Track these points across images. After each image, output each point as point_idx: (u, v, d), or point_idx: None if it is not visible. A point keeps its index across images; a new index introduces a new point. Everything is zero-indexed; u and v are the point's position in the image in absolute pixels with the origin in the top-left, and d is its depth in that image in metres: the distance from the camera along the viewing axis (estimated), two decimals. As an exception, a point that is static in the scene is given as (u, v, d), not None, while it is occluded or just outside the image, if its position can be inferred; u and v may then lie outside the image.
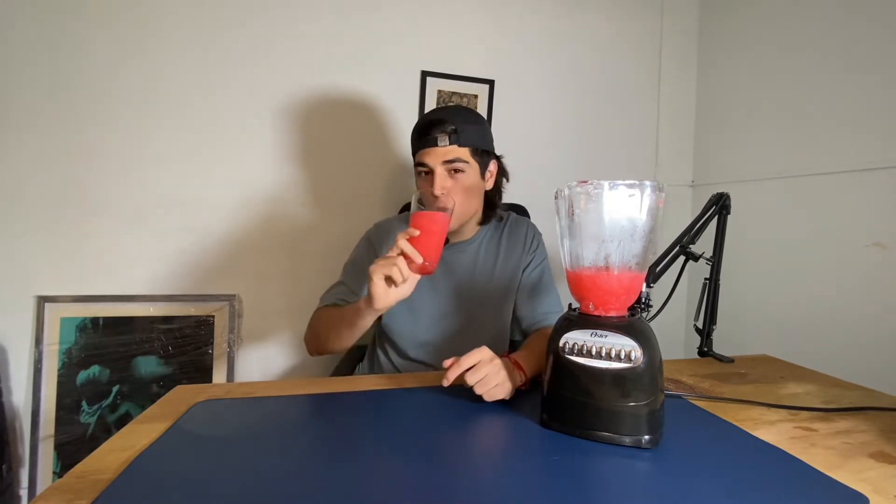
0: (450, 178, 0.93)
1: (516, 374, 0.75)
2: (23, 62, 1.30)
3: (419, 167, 0.95)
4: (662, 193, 0.61)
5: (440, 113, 0.96)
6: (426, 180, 0.94)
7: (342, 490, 0.49)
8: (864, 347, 1.23)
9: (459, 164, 0.93)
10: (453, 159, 0.92)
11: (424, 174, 0.95)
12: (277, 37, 1.45)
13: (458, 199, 0.94)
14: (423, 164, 0.93)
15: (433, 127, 0.93)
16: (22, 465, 1.33)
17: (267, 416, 0.68)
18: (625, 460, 0.56)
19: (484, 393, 0.70)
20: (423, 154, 0.93)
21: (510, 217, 1.10)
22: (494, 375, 0.71)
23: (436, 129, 0.92)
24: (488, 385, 0.70)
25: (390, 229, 1.06)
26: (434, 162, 0.92)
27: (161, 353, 1.41)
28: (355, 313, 0.82)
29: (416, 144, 0.96)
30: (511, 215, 1.11)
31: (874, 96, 1.24)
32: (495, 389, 0.70)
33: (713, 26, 1.78)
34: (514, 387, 0.74)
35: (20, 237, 1.32)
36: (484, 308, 1.02)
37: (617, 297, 0.61)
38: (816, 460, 0.56)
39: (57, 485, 0.50)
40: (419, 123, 0.96)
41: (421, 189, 0.95)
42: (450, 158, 0.92)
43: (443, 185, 0.91)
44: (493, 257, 1.04)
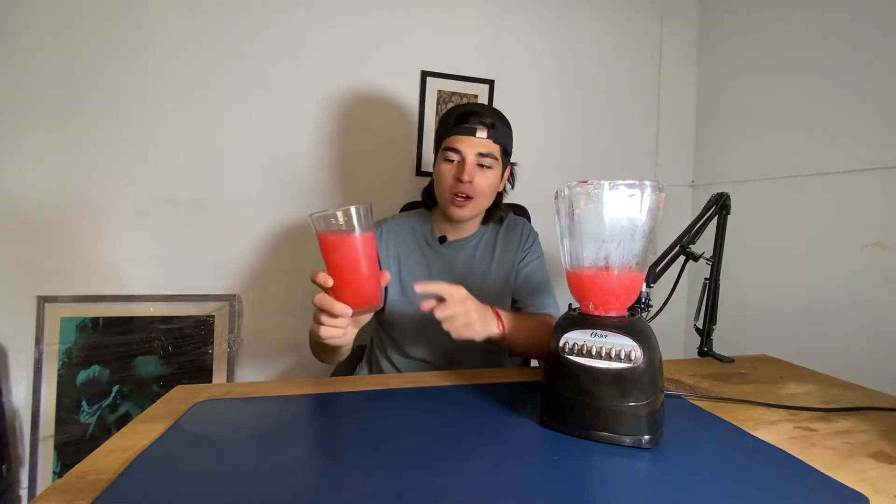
0: (478, 171, 0.94)
1: (493, 322, 0.76)
2: (23, 62, 1.30)
3: (449, 152, 0.94)
4: (662, 193, 0.61)
5: (479, 106, 0.97)
6: (453, 167, 0.94)
7: (342, 490, 0.49)
8: (865, 347, 1.23)
9: (490, 161, 0.95)
10: (487, 153, 0.94)
11: (450, 161, 0.94)
12: (277, 37, 1.45)
13: (481, 195, 0.95)
14: (455, 150, 0.93)
15: (472, 116, 0.93)
16: (22, 464, 1.33)
17: (267, 417, 0.68)
18: (625, 460, 0.56)
19: (452, 330, 0.71)
20: (458, 140, 0.93)
21: (508, 217, 1.11)
22: (463, 315, 0.72)
23: (475, 119, 0.93)
24: (456, 323, 0.71)
25: (391, 229, 1.06)
26: (468, 150, 0.93)
27: (161, 353, 1.41)
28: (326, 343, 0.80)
29: (448, 130, 0.95)
30: (510, 216, 1.12)
31: (874, 96, 1.24)
32: (463, 328, 0.72)
33: (713, 27, 1.78)
34: (487, 334, 0.75)
35: (21, 237, 1.32)
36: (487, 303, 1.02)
37: (617, 297, 0.61)
38: (816, 460, 0.56)
39: (57, 485, 0.50)
40: (456, 110, 0.96)
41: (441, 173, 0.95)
42: (484, 151, 0.94)
43: (471, 175, 0.93)
44: (489, 255, 1.05)
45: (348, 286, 0.62)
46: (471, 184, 0.93)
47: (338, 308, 0.63)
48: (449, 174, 0.95)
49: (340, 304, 0.63)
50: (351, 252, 0.62)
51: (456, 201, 0.95)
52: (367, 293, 0.64)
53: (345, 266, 0.62)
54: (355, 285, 0.63)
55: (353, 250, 0.62)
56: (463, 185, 0.93)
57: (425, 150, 1.58)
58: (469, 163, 0.93)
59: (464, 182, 0.92)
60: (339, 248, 0.61)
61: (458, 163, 0.94)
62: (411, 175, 1.59)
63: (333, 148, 1.52)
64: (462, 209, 0.96)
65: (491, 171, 0.96)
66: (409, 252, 1.04)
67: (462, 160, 0.93)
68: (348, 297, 0.62)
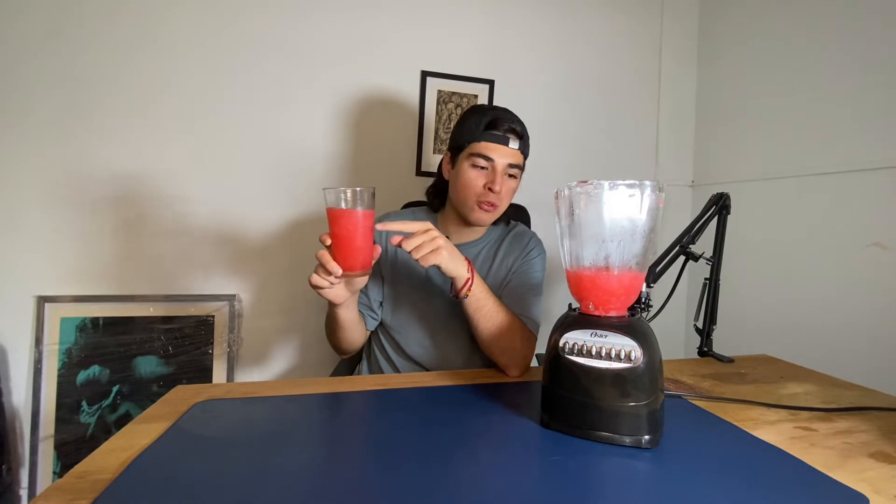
0: (506, 181, 0.94)
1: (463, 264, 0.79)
2: (23, 62, 1.30)
3: (478, 158, 0.93)
4: (662, 193, 0.61)
5: (506, 112, 0.96)
6: (482, 175, 0.93)
7: (342, 490, 0.49)
8: (865, 347, 1.23)
9: (517, 171, 0.95)
10: (516, 164, 0.94)
11: (478, 168, 0.93)
12: (277, 38, 1.45)
13: (504, 203, 0.96)
14: (487, 158, 0.92)
15: (503, 123, 0.93)
16: (22, 465, 1.33)
17: (267, 417, 0.68)
18: (625, 460, 0.56)
19: (420, 259, 0.75)
20: (490, 148, 0.92)
21: (516, 226, 1.10)
22: (429, 243, 0.75)
23: (505, 127, 0.93)
24: (422, 251, 0.75)
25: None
26: (500, 160, 0.92)
27: (161, 353, 1.41)
28: (330, 309, 0.87)
29: (476, 134, 0.93)
30: (518, 225, 1.11)
31: (874, 96, 1.24)
32: (429, 255, 0.75)
33: (713, 26, 1.78)
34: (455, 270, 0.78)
35: (20, 237, 1.32)
36: None
37: (617, 297, 0.61)
38: (816, 460, 0.56)
39: (57, 485, 0.50)
40: (487, 114, 0.94)
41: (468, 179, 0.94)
42: (513, 163, 0.94)
43: (502, 184, 0.92)
44: (489, 262, 1.03)
45: (341, 251, 0.73)
46: (498, 193, 0.92)
47: (331, 266, 0.72)
48: (478, 181, 0.93)
49: (334, 263, 0.72)
50: (347, 224, 0.72)
51: (483, 208, 0.94)
52: (356, 261, 0.73)
53: (341, 235, 0.72)
54: (347, 252, 0.73)
55: (350, 223, 0.72)
56: (492, 195, 0.92)
57: (425, 150, 1.58)
58: (500, 172, 0.92)
59: (494, 191, 0.91)
60: (339, 219, 0.72)
61: (490, 171, 0.93)
62: (411, 175, 1.59)
63: (333, 148, 1.52)
64: (488, 214, 0.95)
65: (515, 181, 0.97)
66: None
67: (492, 169, 0.92)
68: (339, 260, 0.72)
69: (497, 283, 1.02)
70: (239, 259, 1.47)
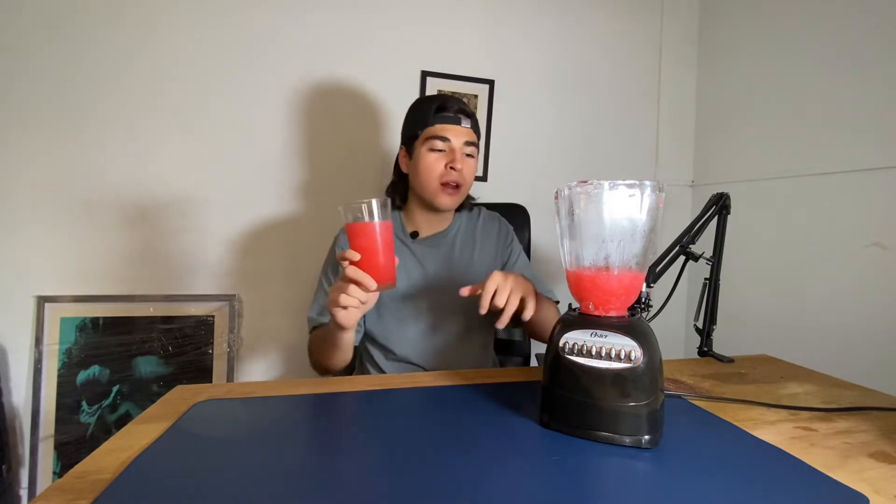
0: (466, 160, 0.95)
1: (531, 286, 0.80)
2: (23, 62, 1.30)
3: (435, 140, 0.94)
4: (662, 193, 0.61)
5: (453, 97, 0.99)
6: (441, 156, 0.94)
7: (341, 489, 0.49)
8: (865, 347, 1.23)
9: (473, 149, 0.96)
10: (471, 142, 0.95)
11: (437, 150, 0.94)
12: (278, 38, 1.45)
13: (466, 184, 0.97)
14: (443, 139, 0.93)
15: (453, 104, 0.95)
16: (22, 465, 1.33)
17: (267, 417, 0.68)
18: (625, 460, 0.56)
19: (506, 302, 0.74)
20: (445, 129, 0.94)
21: (482, 211, 1.12)
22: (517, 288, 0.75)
23: (456, 108, 0.95)
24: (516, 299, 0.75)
25: None
26: (456, 139, 0.94)
27: (161, 353, 1.41)
28: (333, 334, 0.81)
29: (429, 119, 0.95)
30: (482, 209, 1.12)
31: (874, 96, 1.24)
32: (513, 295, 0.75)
33: (713, 26, 1.78)
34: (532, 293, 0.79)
35: (20, 237, 1.32)
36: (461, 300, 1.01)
37: (617, 297, 0.61)
38: (816, 460, 0.56)
39: (57, 485, 0.50)
40: (434, 100, 0.96)
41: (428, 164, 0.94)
42: (469, 141, 0.95)
43: (462, 162, 0.94)
44: (469, 250, 1.04)
45: (372, 265, 0.71)
46: (460, 172, 0.94)
47: (368, 280, 0.70)
48: (439, 163, 0.94)
49: (369, 277, 0.70)
50: (376, 236, 0.72)
51: (447, 190, 0.95)
52: (388, 272, 0.73)
53: (370, 248, 0.71)
54: (378, 265, 0.72)
55: (379, 235, 0.72)
56: (454, 174, 0.93)
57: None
58: (458, 150, 0.94)
59: (456, 169, 0.93)
60: (368, 232, 0.71)
61: (448, 152, 0.94)
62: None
63: (334, 148, 1.52)
64: (452, 197, 0.96)
65: (473, 161, 0.98)
66: None
67: (451, 149, 0.94)
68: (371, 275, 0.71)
69: (483, 270, 1.03)
70: (239, 259, 1.47)
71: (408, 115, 1.02)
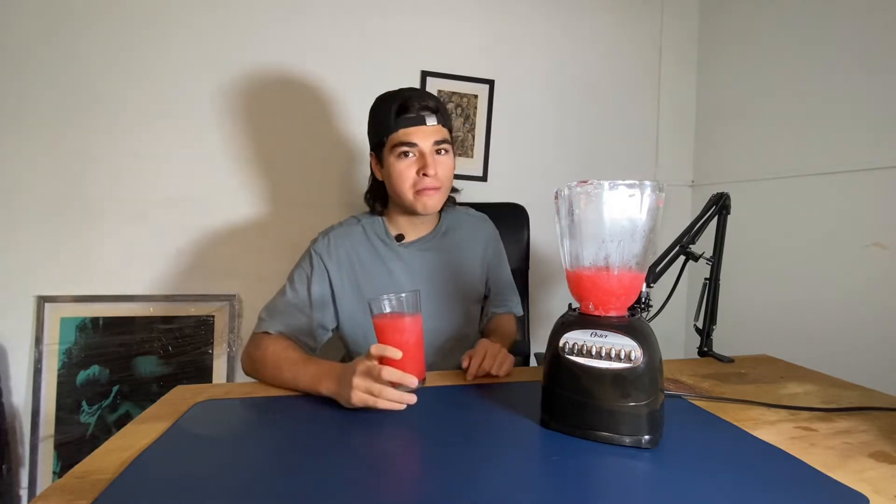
0: (439, 160, 0.89)
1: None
2: (22, 63, 1.30)
3: (402, 147, 0.87)
4: (662, 193, 0.61)
5: (414, 91, 0.90)
6: (412, 163, 0.88)
7: (340, 489, 0.49)
8: (865, 347, 1.23)
9: (446, 146, 0.90)
10: (442, 140, 0.89)
11: (405, 157, 0.88)
12: (277, 38, 1.45)
13: (445, 184, 0.92)
14: (410, 144, 0.86)
15: (415, 103, 0.87)
16: (22, 464, 1.33)
17: (266, 417, 0.68)
18: (625, 460, 0.56)
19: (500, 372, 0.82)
20: (409, 133, 0.86)
21: (468, 211, 1.10)
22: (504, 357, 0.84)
23: (419, 106, 0.87)
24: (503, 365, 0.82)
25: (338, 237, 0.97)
26: (424, 142, 0.87)
27: (161, 353, 1.41)
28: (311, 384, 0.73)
29: (392, 125, 0.87)
30: (467, 210, 1.11)
31: (873, 96, 1.24)
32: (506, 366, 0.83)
33: (713, 26, 1.78)
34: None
35: (20, 237, 1.32)
36: (451, 304, 1.01)
37: (617, 297, 0.61)
38: (816, 460, 0.56)
39: (57, 485, 0.50)
40: (393, 100, 0.88)
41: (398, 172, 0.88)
42: (439, 139, 0.88)
43: (436, 167, 0.87)
44: (456, 251, 1.02)
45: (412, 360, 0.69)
46: (435, 176, 0.87)
47: (408, 379, 0.65)
48: (409, 171, 0.88)
49: (410, 375, 0.65)
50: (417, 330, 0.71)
51: (425, 193, 0.89)
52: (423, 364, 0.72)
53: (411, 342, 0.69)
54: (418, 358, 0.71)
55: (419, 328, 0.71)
56: (427, 179, 0.87)
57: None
58: (428, 154, 0.87)
59: (429, 175, 0.87)
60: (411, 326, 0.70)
61: (418, 157, 0.88)
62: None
63: (334, 148, 1.52)
64: (432, 199, 0.90)
65: (448, 156, 0.91)
66: (363, 256, 0.96)
67: (420, 154, 0.87)
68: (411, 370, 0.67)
69: (470, 275, 1.03)
70: (239, 259, 1.47)
71: (370, 117, 0.95)
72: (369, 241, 0.98)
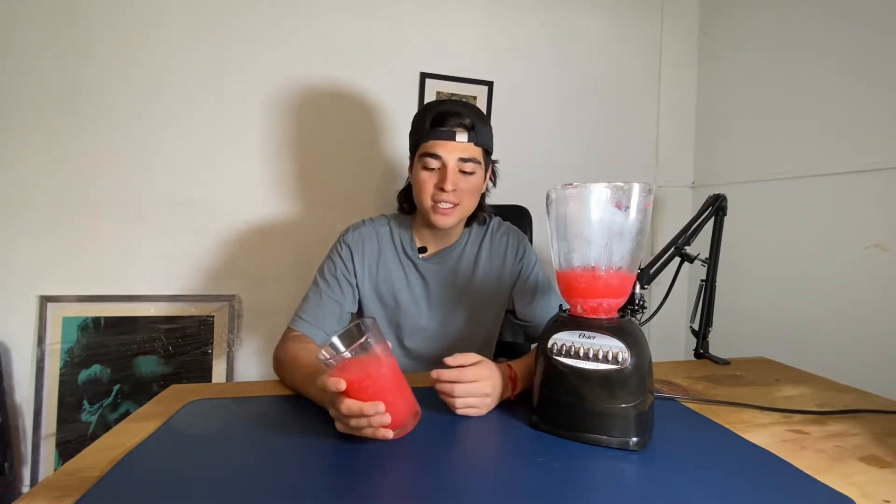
0: (461, 177, 0.88)
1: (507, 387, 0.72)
2: (24, 64, 1.32)
3: (427, 158, 0.87)
4: (651, 195, 0.60)
5: (457, 106, 0.90)
6: (433, 175, 0.88)
7: (331, 489, 0.49)
8: (864, 350, 1.22)
9: (472, 166, 0.89)
10: (469, 158, 0.88)
11: (429, 169, 0.88)
12: (277, 39, 1.46)
13: (465, 202, 0.90)
14: (435, 156, 0.87)
15: (450, 118, 0.87)
16: (24, 463, 1.35)
17: (259, 415, 0.68)
18: (612, 462, 0.56)
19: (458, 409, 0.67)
20: (437, 146, 0.87)
21: (493, 222, 1.05)
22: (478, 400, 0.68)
23: (453, 122, 0.87)
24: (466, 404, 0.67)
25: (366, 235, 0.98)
26: (449, 156, 0.87)
27: (162, 353, 1.42)
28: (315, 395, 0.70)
29: (425, 134, 0.88)
30: (496, 220, 1.06)
31: (874, 96, 1.23)
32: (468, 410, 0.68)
33: (713, 26, 1.77)
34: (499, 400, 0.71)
35: (23, 237, 1.34)
36: (467, 316, 1.00)
37: (604, 298, 0.61)
38: (806, 463, 0.56)
39: (46, 482, 0.50)
40: (432, 111, 0.89)
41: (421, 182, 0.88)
42: (466, 157, 0.88)
43: (455, 182, 0.87)
44: (472, 267, 1.01)
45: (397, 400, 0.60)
46: (455, 192, 0.88)
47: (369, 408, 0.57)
48: (430, 183, 0.88)
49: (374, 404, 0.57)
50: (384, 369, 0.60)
51: (440, 209, 0.89)
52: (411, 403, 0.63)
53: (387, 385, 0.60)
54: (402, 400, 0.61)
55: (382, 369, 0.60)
56: (444, 194, 0.87)
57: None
58: (451, 169, 0.87)
59: (446, 191, 0.87)
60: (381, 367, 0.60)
61: (439, 170, 0.88)
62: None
63: (333, 149, 1.53)
64: (447, 217, 0.90)
65: (475, 177, 0.90)
66: (386, 261, 0.98)
67: (443, 167, 0.87)
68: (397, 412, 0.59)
69: (490, 285, 1.01)
70: (239, 259, 1.48)
71: (412, 122, 0.96)
72: (394, 248, 1.00)
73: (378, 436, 0.57)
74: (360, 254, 0.96)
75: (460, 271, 1.00)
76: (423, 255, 0.99)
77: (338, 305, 0.94)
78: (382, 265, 0.98)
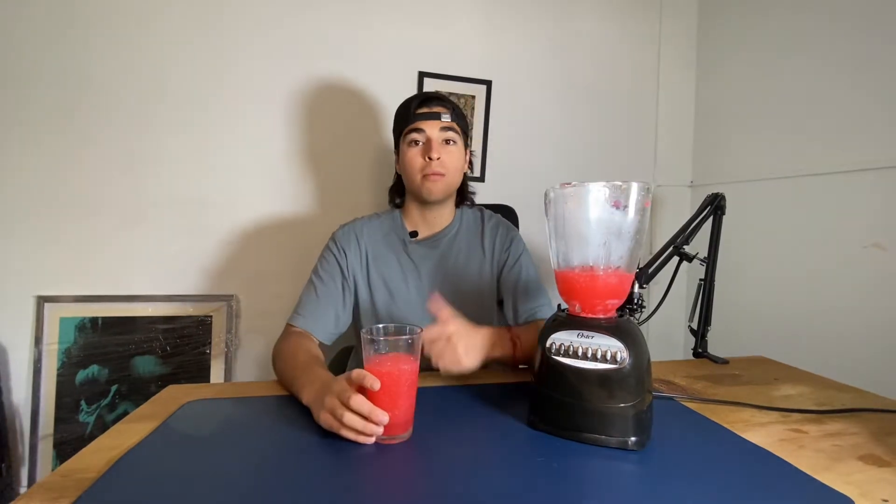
0: (444, 148, 0.96)
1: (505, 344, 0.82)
2: (23, 63, 1.32)
3: (413, 134, 0.96)
4: (650, 194, 0.60)
5: (436, 94, 1.00)
6: (419, 149, 0.96)
7: (329, 489, 0.49)
8: (863, 349, 1.22)
9: (453, 135, 0.97)
10: (449, 127, 0.96)
11: (415, 144, 0.96)
12: (276, 39, 1.46)
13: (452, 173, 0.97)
14: (420, 131, 0.95)
15: (433, 101, 0.97)
16: (21, 463, 1.34)
17: (256, 416, 0.68)
18: (610, 462, 0.56)
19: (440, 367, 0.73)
20: (421, 123, 0.95)
21: (484, 214, 1.09)
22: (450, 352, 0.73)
23: (436, 104, 0.97)
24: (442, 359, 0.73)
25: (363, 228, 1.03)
26: (433, 130, 0.95)
27: (159, 353, 1.42)
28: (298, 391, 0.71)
29: (410, 118, 0.96)
30: (494, 216, 1.10)
31: (873, 96, 1.23)
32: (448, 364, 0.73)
33: (712, 27, 1.77)
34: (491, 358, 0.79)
35: (20, 237, 1.34)
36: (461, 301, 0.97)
37: (603, 297, 0.61)
38: (804, 462, 0.56)
39: (42, 483, 0.50)
40: (415, 98, 0.99)
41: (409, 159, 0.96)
42: (447, 127, 0.96)
43: (439, 151, 0.94)
44: (462, 252, 1.03)
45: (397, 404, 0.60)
46: (440, 160, 0.95)
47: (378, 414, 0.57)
48: (417, 157, 0.96)
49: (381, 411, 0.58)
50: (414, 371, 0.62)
51: (430, 178, 0.95)
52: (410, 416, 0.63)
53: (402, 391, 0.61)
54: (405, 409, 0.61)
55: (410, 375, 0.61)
56: (433, 164, 0.94)
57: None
58: (435, 140, 0.95)
59: (433, 159, 0.94)
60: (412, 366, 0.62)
61: (425, 143, 0.96)
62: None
63: (331, 149, 1.53)
64: (436, 183, 0.96)
65: (456, 147, 0.98)
66: (379, 251, 1.02)
67: (428, 140, 0.95)
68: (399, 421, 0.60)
69: (478, 277, 1.02)
70: (237, 260, 1.48)
71: (394, 117, 1.04)
72: (386, 235, 1.04)
73: (359, 440, 0.58)
74: (351, 248, 1.01)
75: (451, 255, 1.03)
76: (414, 239, 1.03)
77: (333, 301, 0.97)
78: (374, 255, 1.02)
